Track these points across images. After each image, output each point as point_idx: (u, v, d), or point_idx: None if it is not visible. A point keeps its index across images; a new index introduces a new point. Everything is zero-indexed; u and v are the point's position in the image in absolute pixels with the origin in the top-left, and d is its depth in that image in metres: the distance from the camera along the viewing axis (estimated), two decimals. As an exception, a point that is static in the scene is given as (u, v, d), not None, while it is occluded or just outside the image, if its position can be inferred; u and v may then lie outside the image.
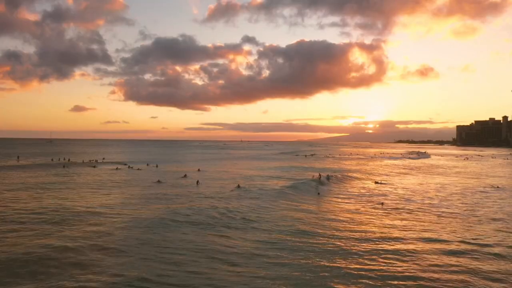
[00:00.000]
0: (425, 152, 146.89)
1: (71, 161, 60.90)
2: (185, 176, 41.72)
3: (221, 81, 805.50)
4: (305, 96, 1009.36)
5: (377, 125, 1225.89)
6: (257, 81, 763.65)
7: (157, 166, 56.36)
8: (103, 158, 69.91)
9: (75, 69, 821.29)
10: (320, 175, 40.32)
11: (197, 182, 34.98)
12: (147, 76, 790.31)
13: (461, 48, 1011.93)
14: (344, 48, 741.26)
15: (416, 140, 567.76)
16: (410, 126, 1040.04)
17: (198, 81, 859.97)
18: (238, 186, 33.26)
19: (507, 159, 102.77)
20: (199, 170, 49.95)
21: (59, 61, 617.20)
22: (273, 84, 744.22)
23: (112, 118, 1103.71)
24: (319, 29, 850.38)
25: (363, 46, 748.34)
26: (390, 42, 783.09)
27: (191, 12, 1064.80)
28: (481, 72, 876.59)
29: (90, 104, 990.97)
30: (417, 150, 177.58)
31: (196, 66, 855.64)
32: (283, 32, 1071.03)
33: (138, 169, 51.38)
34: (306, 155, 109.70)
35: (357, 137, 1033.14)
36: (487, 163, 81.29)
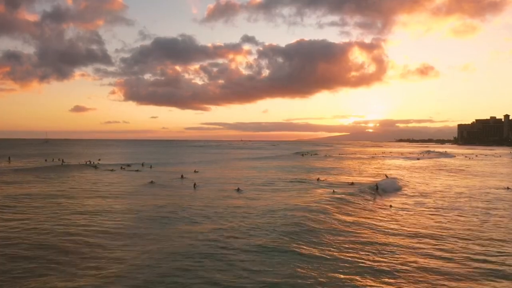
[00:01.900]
0: (445, 151, 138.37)
1: (65, 162, 58.88)
2: (182, 177, 39.74)
3: (221, 81, 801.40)
4: (305, 96, 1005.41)
5: (378, 124, 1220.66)
6: (257, 80, 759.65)
7: (151, 167, 54.27)
8: (99, 160, 67.83)
9: (75, 69, 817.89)
10: (377, 185, 32.02)
11: (194, 185, 32.92)
12: (147, 76, 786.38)
13: (461, 47, 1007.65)
14: (344, 48, 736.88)
15: (416, 139, 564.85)
16: (410, 125, 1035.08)
17: (198, 81, 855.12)
18: (238, 189, 31.43)
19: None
20: (195, 171, 47.88)
21: (59, 61, 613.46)
22: (273, 84, 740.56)
23: (112, 118, 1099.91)
24: (319, 28, 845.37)
25: (363, 45, 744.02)
26: (390, 41, 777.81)
27: (190, 12, 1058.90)
28: (481, 70, 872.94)
29: (90, 104, 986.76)
30: (426, 149, 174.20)
31: (195, 66, 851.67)
32: (282, 32, 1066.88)
33: (137, 170, 49.15)
34: (303, 154, 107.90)
35: (358, 136, 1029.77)
36: (494, 162, 79.29)
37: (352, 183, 36.55)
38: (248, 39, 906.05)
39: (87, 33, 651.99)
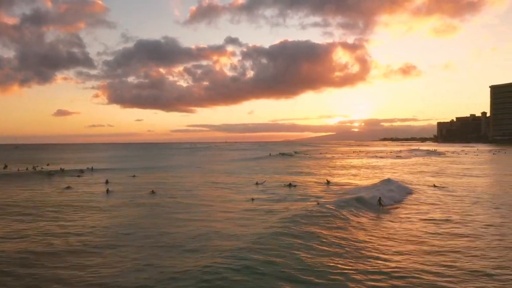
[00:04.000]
0: (435, 150, 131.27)
1: (7, 168, 56.59)
2: (106, 182, 38.27)
3: (205, 83, 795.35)
4: (290, 96, 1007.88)
5: (363, 124, 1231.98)
6: (242, 81, 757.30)
7: (92, 169, 53.27)
8: (48, 164, 65.84)
9: (57, 73, 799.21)
10: (380, 200, 23.99)
11: (107, 190, 31.46)
12: (131, 79, 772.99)
13: (442, 46, 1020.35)
14: (327, 48, 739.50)
15: (400, 138, 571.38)
16: (395, 124, 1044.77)
17: (183, 83, 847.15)
18: (152, 192, 30.45)
19: (478, 155, 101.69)
20: (134, 176, 46.43)
21: (40, 64, 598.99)
22: (258, 85, 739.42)
23: (96, 122, 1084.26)
24: (301, 29, 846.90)
25: (346, 46, 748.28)
26: (372, 41, 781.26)
27: (172, 14, 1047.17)
28: (463, 69, 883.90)
29: (73, 108, 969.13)
30: (405, 147, 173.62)
31: (179, 68, 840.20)
32: (265, 33, 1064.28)
33: (78, 176, 47.53)
34: (270, 154, 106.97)
35: (343, 136, 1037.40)
36: (454, 159, 79.61)
37: (290, 184, 35.54)
38: (231, 40, 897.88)
39: (68, 36, 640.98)
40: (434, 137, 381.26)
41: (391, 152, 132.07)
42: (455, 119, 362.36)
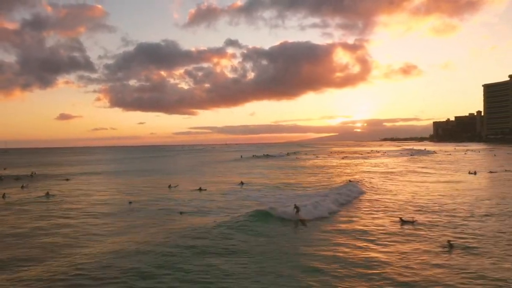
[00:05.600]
0: (425, 149, 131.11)
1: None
2: (22, 187, 38.97)
3: (206, 85, 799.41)
4: (291, 97, 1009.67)
5: (365, 124, 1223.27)
6: (243, 83, 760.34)
7: (35, 173, 54.23)
8: (5, 168, 67.39)
9: (58, 77, 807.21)
10: (296, 207, 20.30)
11: (4, 195, 31.85)
12: (132, 82, 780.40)
13: (442, 45, 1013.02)
14: (327, 49, 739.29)
15: (400, 138, 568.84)
16: (397, 124, 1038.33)
17: (184, 86, 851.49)
18: (47, 194, 31.44)
19: (450, 154, 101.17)
20: (67, 179, 47.43)
21: (41, 69, 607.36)
22: (259, 86, 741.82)
23: (99, 125, 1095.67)
24: (301, 30, 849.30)
25: (346, 46, 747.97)
26: (372, 41, 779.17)
27: (172, 17, 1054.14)
28: (463, 68, 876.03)
29: (76, 111, 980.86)
30: (398, 148, 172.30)
31: (180, 71, 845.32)
32: (264, 34, 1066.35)
33: (17, 178, 48.63)
34: (242, 156, 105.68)
35: (346, 136, 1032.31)
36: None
37: (200, 188, 34.85)
38: (231, 42, 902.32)
39: (69, 40, 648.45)
40: (430, 136, 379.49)
41: (370, 151, 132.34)
42: (454, 118, 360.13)
